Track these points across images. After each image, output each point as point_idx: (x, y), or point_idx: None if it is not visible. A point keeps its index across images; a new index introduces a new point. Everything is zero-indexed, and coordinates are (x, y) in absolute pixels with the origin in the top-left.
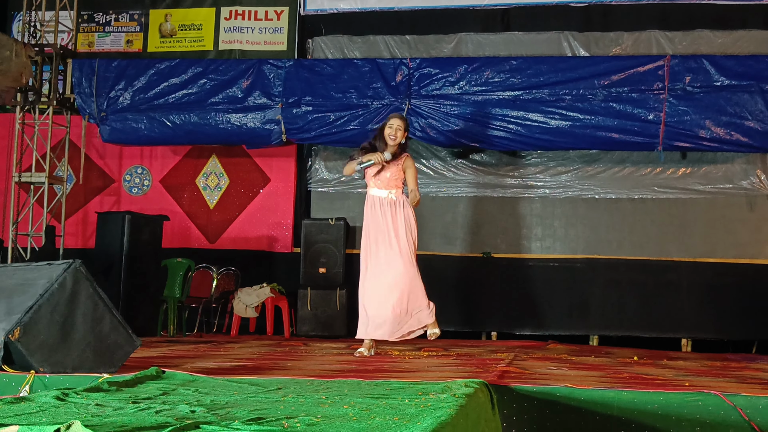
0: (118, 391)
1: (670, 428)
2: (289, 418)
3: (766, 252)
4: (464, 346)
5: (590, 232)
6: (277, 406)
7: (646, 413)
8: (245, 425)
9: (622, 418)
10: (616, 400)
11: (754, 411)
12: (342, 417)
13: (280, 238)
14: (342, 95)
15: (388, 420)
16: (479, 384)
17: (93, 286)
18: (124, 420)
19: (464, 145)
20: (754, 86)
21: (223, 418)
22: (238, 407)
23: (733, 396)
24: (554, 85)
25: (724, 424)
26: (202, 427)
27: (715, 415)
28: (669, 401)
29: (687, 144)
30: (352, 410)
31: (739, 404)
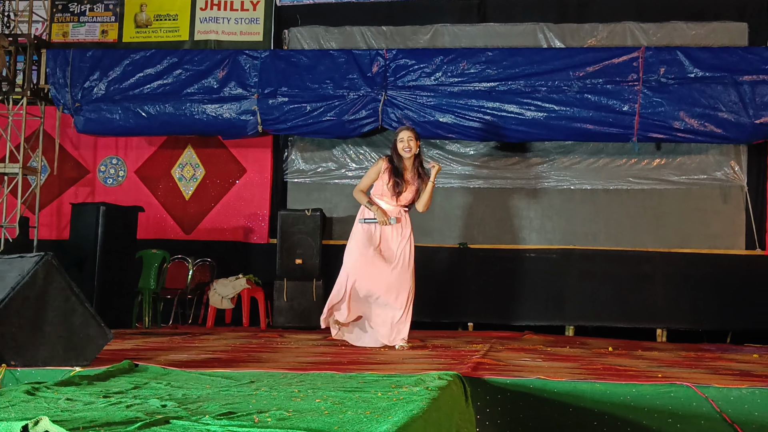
0: (89, 385)
1: (643, 420)
2: (261, 413)
3: (740, 242)
4: (440, 337)
5: (566, 223)
6: (249, 400)
7: (619, 405)
8: (215, 420)
9: (595, 410)
10: (589, 392)
11: (725, 403)
12: (313, 411)
13: (256, 229)
14: (318, 86)
15: (360, 414)
16: (453, 376)
17: (65, 279)
18: (93, 415)
19: (440, 137)
20: (728, 78)
21: (193, 413)
22: (210, 401)
23: (704, 387)
24: (530, 77)
25: (696, 415)
26: (172, 422)
27: (686, 407)
28: (641, 393)
29: (661, 135)
30: (324, 404)
31: (710, 396)
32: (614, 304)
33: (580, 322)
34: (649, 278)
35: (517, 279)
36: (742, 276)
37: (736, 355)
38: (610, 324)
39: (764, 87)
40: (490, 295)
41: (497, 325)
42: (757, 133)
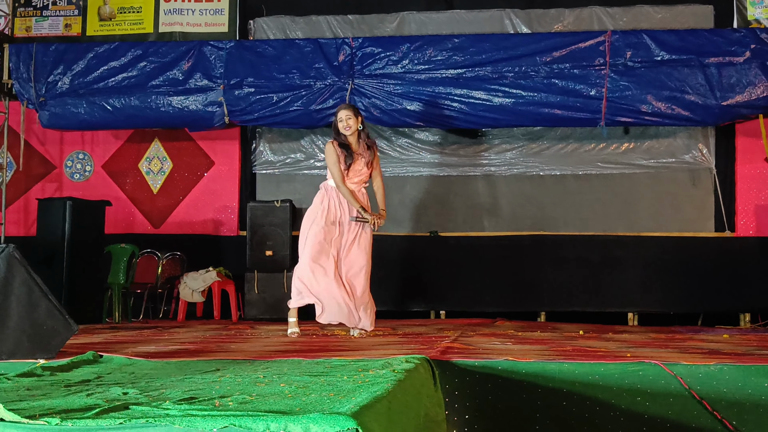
0: (51, 376)
1: (611, 398)
2: (223, 397)
3: (709, 225)
4: (412, 325)
5: (536, 209)
6: (213, 386)
7: (588, 384)
8: (176, 405)
9: (564, 390)
10: (557, 372)
11: (694, 379)
12: (277, 395)
13: (226, 222)
14: (284, 76)
15: (323, 396)
16: (421, 360)
17: (28, 272)
18: (53, 403)
19: (408, 125)
20: (694, 60)
21: (154, 399)
22: (172, 388)
23: (673, 365)
24: (497, 63)
25: (665, 392)
26: (132, 408)
27: (655, 385)
28: (610, 372)
29: (629, 119)
30: (288, 388)
31: (679, 373)
32: (585, 289)
33: (552, 307)
34: (620, 262)
35: (488, 266)
36: (712, 258)
37: (707, 336)
38: (582, 309)
39: (730, 69)
40: (462, 282)
41: (469, 313)
42: (724, 115)
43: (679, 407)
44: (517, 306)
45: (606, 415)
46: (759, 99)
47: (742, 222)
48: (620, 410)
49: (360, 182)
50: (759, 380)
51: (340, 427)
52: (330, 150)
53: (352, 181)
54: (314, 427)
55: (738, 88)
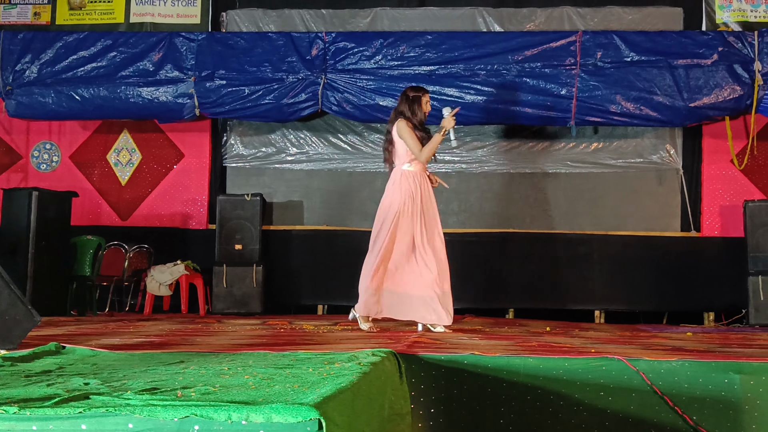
0: (12, 366)
1: (575, 393)
2: (185, 388)
3: (676, 225)
4: (380, 321)
5: (505, 207)
6: (176, 377)
7: (552, 379)
8: (137, 395)
9: (528, 384)
10: (522, 367)
11: (656, 375)
12: (240, 386)
13: (195, 215)
14: (256, 69)
15: (287, 388)
16: (387, 353)
17: None
18: (12, 392)
19: (381, 120)
20: (663, 62)
21: (116, 390)
22: (134, 379)
23: (635, 361)
24: (469, 61)
25: (627, 388)
26: (92, 398)
27: (618, 380)
28: (574, 367)
29: (598, 119)
30: (252, 380)
31: (641, 369)
32: (553, 287)
33: (520, 304)
34: (587, 260)
35: (457, 263)
36: (678, 257)
37: (671, 333)
38: (549, 306)
39: (698, 70)
40: None
41: None
42: (691, 116)
43: (641, 402)
44: (486, 303)
45: (569, 409)
46: (725, 101)
47: (707, 222)
48: (583, 404)
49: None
50: (719, 376)
51: (302, 417)
52: (410, 128)
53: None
54: (276, 417)
55: (705, 90)
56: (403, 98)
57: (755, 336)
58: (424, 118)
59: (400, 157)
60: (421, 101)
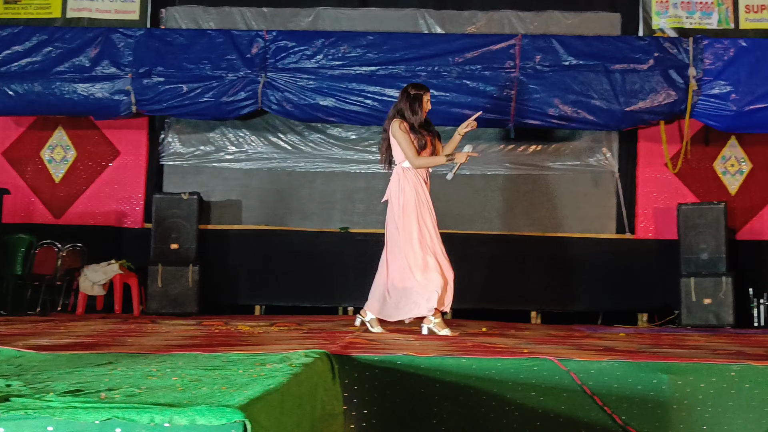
0: None
1: (507, 393)
2: (110, 390)
3: (611, 227)
4: (319, 321)
5: (443, 207)
6: (102, 378)
7: (484, 379)
8: (59, 397)
9: (461, 384)
10: (455, 367)
11: (586, 375)
12: (167, 388)
13: (130, 214)
14: (195, 66)
15: (215, 390)
16: (320, 354)
17: None
18: None
19: (321, 120)
20: (600, 66)
21: (38, 392)
22: (59, 381)
23: (566, 361)
24: (410, 61)
25: (558, 388)
26: (13, 400)
27: (549, 380)
28: (506, 367)
29: (537, 121)
30: (180, 381)
31: (572, 369)
32: (490, 287)
33: (459, 305)
34: (524, 261)
35: None
36: (613, 259)
37: (605, 334)
38: (487, 306)
39: (634, 75)
40: (371, 279)
41: None
42: (627, 120)
43: (571, 402)
44: None
45: (501, 410)
46: (660, 106)
47: (641, 224)
48: (515, 404)
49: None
50: (647, 376)
51: (226, 419)
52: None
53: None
54: (200, 419)
55: (641, 95)
56: (404, 96)
57: (686, 336)
58: (424, 117)
59: (397, 155)
60: (423, 99)
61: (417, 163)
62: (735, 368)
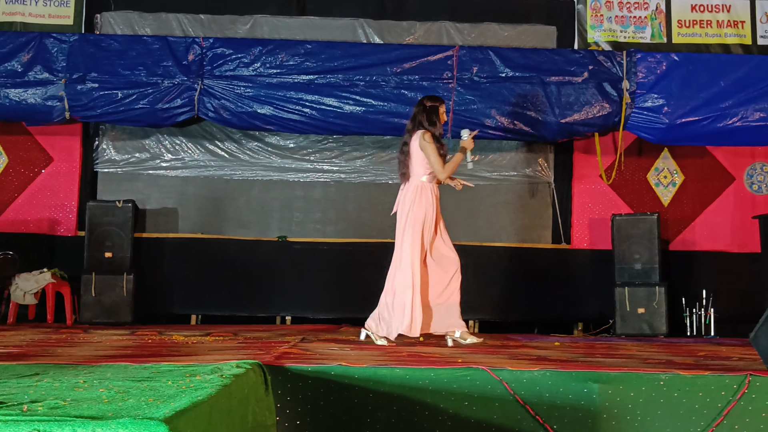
0: None
1: (440, 402)
2: (34, 402)
3: (547, 237)
4: (255, 330)
5: (383, 217)
6: (27, 390)
7: (418, 388)
8: None
9: (395, 394)
10: (389, 377)
11: (518, 384)
12: (93, 400)
13: (63, 221)
14: (130, 72)
15: (142, 402)
16: (252, 365)
17: None
18: None
19: (259, 128)
20: (536, 78)
21: None
22: None
23: (499, 371)
24: (348, 71)
25: (491, 397)
26: None
27: (482, 389)
28: (439, 376)
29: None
30: (107, 393)
31: (504, 378)
32: None
33: None
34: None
35: (335, 272)
36: (549, 269)
37: (540, 343)
38: None
39: (569, 88)
40: (309, 288)
41: (316, 319)
42: (563, 132)
43: (503, 411)
44: (363, 312)
45: (434, 419)
46: (595, 118)
47: (577, 235)
48: (448, 414)
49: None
50: (578, 385)
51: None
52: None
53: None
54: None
55: (576, 107)
56: (421, 108)
57: (619, 345)
58: (441, 129)
59: (417, 169)
60: (439, 111)
61: (445, 175)
62: (664, 377)
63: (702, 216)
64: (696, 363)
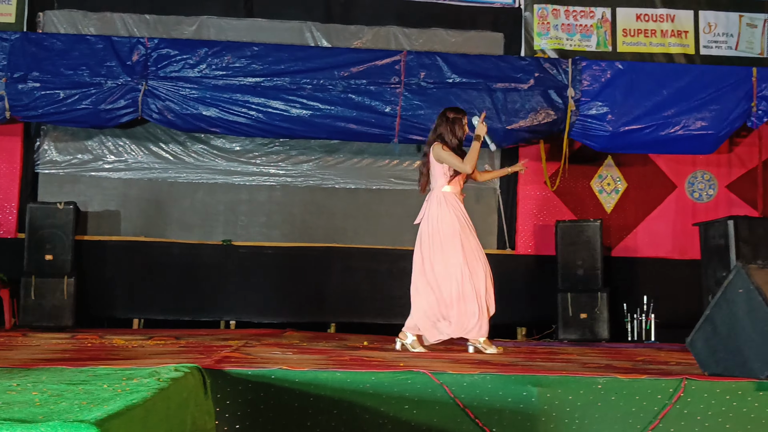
0: None
1: (381, 406)
2: None
3: (492, 242)
4: (198, 335)
5: (328, 221)
6: None
7: (358, 392)
8: None
9: (335, 398)
10: (329, 381)
11: (459, 388)
12: (24, 403)
13: (3, 223)
14: (73, 72)
15: (75, 405)
16: (191, 368)
17: None
18: None
19: (204, 130)
20: (483, 84)
21: None
22: None
23: (440, 374)
24: (295, 74)
25: (431, 401)
26: None
27: (422, 393)
28: (380, 380)
29: (421, 137)
30: (40, 396)
31: (445, 382)
32: (374, 301)
33: (342, 318)
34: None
35: (280, 276)
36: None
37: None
38: (370, 320)
39: (515, 94)
40: (253, 292)
41: (260, 323)
42: (508, 138)
43: (444, 415)
44: (308, 317)
45: (375, 423)
46: (540, 125)
47: (521, 240)
48: (388, 418)
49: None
50: (518, 389)
51: None
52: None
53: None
54: None
55: (522, 114)
56: (443, 120)
57: (560, 350)
58: (463, 140)
59: (437, 179)
60: (462, 123)
61: (468, 166)
62: (601, 381)
63: (644, 223)
64: (634, 367)
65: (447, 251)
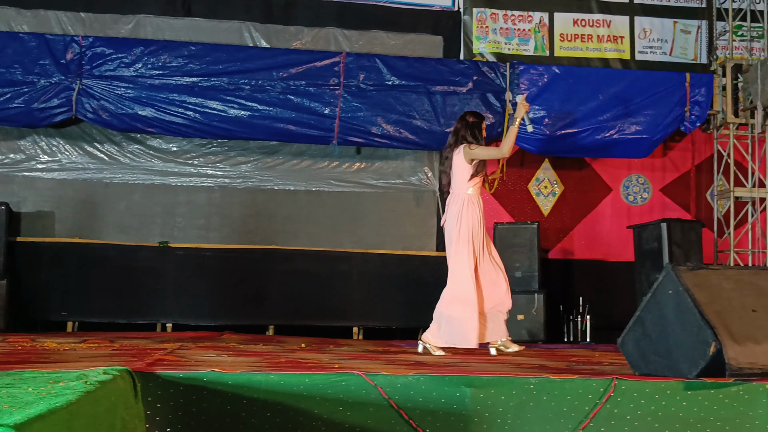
0: None
1: (314, 408)
2: None
3: (431, 244)
4: (134, 337)
5: (268, 223)
6: None
7: (292, 394)
8: None
9: (269, 400)
10: (263, 383)
11: (393, 389)
12: None
13: None
14: (5, 71)
15: None
16: (121, 371)
17: None
18: None
19: (140, 130)
20: (422, 87)
21: None
22: None
23: (374, 375)
24: (233, 74)
25: (365, 402)
26: None
27: (356, 394)
28: (314, 382)
29: (360, 139)
30: None
31: (379, 383)
32: (313, 303)
33: (281, 321)
34: (347, 278)
35: (218, 278)
36: (433, 276)
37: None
38: (310, 323)
39: (454, 97)
40: (191, 295)
41: (198, 326)
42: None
43: (378, 416)
44: (247, 319)
45: (308, 425)
46: None
47: None
48: (322, 420)
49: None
50: (451, 390)
51: None
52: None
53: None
54: None
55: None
56: (463, 124)
57: None
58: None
59: (460, 182)
60: (481, 127)
61: (506, 149)
62: (534, 381)
63: (580, 225)
64: (567, 367)
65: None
